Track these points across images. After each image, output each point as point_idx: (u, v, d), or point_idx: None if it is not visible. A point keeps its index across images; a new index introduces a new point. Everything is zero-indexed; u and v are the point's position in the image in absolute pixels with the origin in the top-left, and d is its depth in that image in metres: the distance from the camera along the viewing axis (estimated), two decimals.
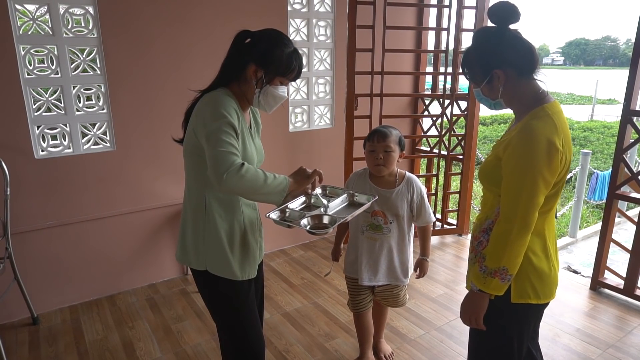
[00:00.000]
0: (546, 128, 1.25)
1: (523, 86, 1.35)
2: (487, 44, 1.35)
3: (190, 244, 1.56)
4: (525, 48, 1.33)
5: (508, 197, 1.29)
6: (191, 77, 2.97)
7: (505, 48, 1.32)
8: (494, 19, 1.34)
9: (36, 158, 2.63)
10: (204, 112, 1.42)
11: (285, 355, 2.40)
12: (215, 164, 1.32)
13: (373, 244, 2.06)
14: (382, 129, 2.00)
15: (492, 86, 1.36)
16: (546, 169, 1.24)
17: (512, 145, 1.28)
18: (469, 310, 1.41)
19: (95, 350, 2.46)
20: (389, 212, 2.02)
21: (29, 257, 2.70)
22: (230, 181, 1.31)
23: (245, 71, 1.49)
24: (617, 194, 2.86)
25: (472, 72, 1.41)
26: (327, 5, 3.51)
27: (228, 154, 1.33)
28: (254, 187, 1.37)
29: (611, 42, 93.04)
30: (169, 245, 3.19)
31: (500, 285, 1.32)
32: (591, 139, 11.44)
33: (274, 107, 1.56)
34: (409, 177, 2.05)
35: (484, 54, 1.35)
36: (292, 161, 3.58)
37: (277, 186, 1.43)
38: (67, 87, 2.65)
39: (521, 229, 1.27)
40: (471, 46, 1.40)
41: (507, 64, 1.32)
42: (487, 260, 1.32)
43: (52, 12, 2.52)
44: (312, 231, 1.49)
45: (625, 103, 2.71)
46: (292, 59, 1.50)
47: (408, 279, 2.14)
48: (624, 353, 2.40)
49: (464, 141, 3.76)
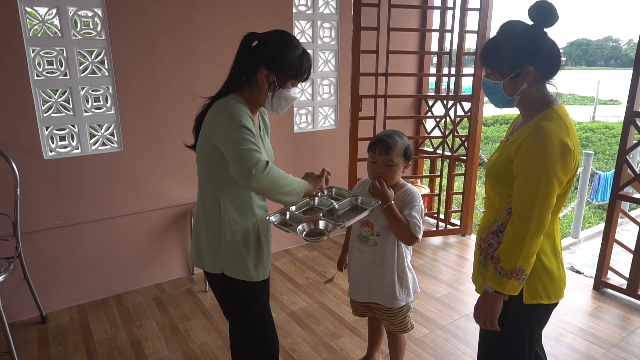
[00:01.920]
0: (559, 129, 1.27)
1: (540, 89, 1.36)
2: (526, 38, 1.31)
3: (205, 248, 1.58)
4: (557, 53, 1.33)
5: (523, 197, 1.29)
6: (197, 78, 3.00)
7: (543, 49, 1.31)
8: (535, 16, 1.31)
9: (45, 159, 2.66)
10: (219, 120, 1.43)
11: (292, 354, 2.43)
12: (242, 162, 1.35)
13: (360, 256, 1.92)
14: (386, 138, 1.79)
15: (516, 82, 1.34)
16: (560, 169, 1.26)
17: (525, 146, 1.29)
18: (483, 311, 1.41)
19: (103, 348, 2.49)
20: (377, 224, 1.85)
21: (38, 257, 2.73)
22: (258, 177, 1.34)
23: (256, 75, 1.49)
24: (619, 194, 2.88)
25: (499, 62, 1.34)
26: (331, 7, 3.54)
27: (252, 152, 1.36)
28: (279, 185, 1.41)
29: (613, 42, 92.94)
30: (175, 245, 3.21)
31: (516, 286, 1.33)
32: (593, 140, 11.44)
33: (286, 108, 1.58)
34: (406, 189, 1.85)
35: (521, 47, 1.31)
36: (297, 162, 3.61)
37: (296, 187, 1.47)
38: (76, 89, 2.68)
39: (537, 229, 1.28)
40: (503, 35, 1.34)
41: (539, 63, 1.32)
42: (502, 261, 1.33)
43: (61, 15, 2.56)
44: (307, 238, 1.51)
45: (629, 104, 2.73)
46: (302, 60, 1.50)
47: (402, 301, 1.91)
48: (627, 352, 2.42)
49: (467, 142, 3.78)
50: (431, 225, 4.09)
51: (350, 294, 2.02)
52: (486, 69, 1.40)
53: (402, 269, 1.90)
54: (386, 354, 2.31)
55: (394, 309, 1.93)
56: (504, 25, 1.36)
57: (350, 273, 2.00)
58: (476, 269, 1.53)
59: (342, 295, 3.00)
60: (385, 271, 1.88)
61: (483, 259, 1.47)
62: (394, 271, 1.88)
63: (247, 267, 1.55)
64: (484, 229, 1.49)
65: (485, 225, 1.49)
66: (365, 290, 1.94)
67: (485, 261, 1.45)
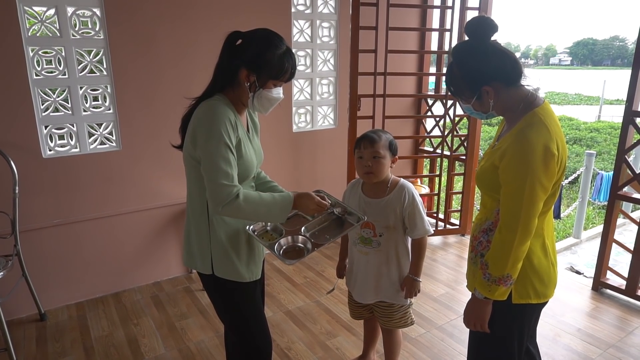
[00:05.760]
0: (539, 136, 1.26)
1: (513, 95, 1.35)
2: (472, 61, 1.33)
3: (196, 249, 1.57)
4: (509, 59, 1.32)
5: (508, 206, 1.30)
6: (196, 77, 3.01)
7: (491, 63, 1.31)
8: (473, 35, 1.33)
9: (44, 157, 2.68)
10: (201, 127, 1.42)
11: (287, 352, 2.43)
12: (212, 196, 1.40)
13: (364, 258, 1.91)
14: (370, 133, 1.82)
15: (482, 102, 1.37)
16: (543, 175, 1.26)
17: (508, 155, 1.29)
18: (473, 316, 1.43)
19: (100, 346, 2.51)
20: (378, 224, 1.84)
21: (37, 255, 2.75)
22: (227, 213, 1.40)
23: (237, 76, 1.47)
24: (619, 194, 2.86)
25: (459, 90, 1.39)
26: (330, 6, 3.54)
27: (223, 187, 1.38)
28: (254, 213, 1.44)
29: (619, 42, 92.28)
30: (173, 243, 3.23)
31: (505, 291, 1.34)
32: (598, 140, 11.38)
33: (270, 108, 1.55)
34: (401, 185, 1.85)
35: (470, 72, 1.34)
36: (296, 161, 3.62)
37: (280, 208, 1.47)
38: (75, 88, 2.70)
39: (523, 237, 1.29)
40: (453, 64, 1.37)
41: (495, 79, 1.32)
42: (490, 267, 1.34)
43: (60, 14, 2.57)
44: (282, 258, 1.51)
45: (628, 104, 2.72)
46: (283, 60, 1.46)
47: (407, 299, 1.95)
48: (624, 353, 2.40)
49: (466, 141, 3.77)
50: (430, 225, 4.08)
51: (357, 297, 2.00)
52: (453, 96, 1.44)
53: (407, 263, 1.91)
54: (382, 353, 2.31)
55: (395, 306, 1.94)
56: (452, 51, 1.39)
57: (353, 277, 1.98)
58: (468, 266, 1.54)
59: (339, 294, 3.00)
60: (392, 269, 1.89)
61: (474, 255, 1.48)
62: (400, 267, 1.90)
63: (238, 268, 1.55)
64: (476, 227, 1.51)
65: (478, 223, 1.50)
66: (372, 292, 1.93)
67: (476, 258, 1.46)
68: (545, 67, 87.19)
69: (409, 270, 1.90)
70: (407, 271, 1.91)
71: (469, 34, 1.34)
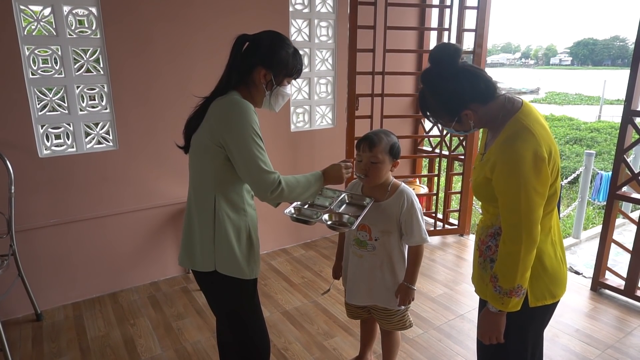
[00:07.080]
0: (526, 143, 1.25)
1: (491, 108, 1.34)
2: (445, 89, 1.32)
3: (198, 246, 1.56)
4: (480, 78, 1.31)
5: (507, 217, 1.29)
6: (193, 77, 3.01)
7: (464, 88, 1.30)
8: (439, 62, 1.31)
9: (40, 157, 2.67)
10: (229, 117, 1.44)
11: (284, 353, 2.42)
12: (258, 185, 1.45)
13: (358, 261, 1.89)
14: (371, 135, 1.77)
15: (462, 123, 1.36)
16: (537, 182, 1.24)
17: (498, 167, 1.28)
18: (489, 330, 1.39)
19: (96, 346, 2.50)
20: (375, 228, 1.82)
21: (33, 255, 2.74)
22: (274, 198, 1.48)
23: (252, 75, 1.52)
24: (617, 194, 2.85)
25: (437, 116, 1.39)
26: (328, 5, 3.53)
27: (267, 174, 1.44)
28: (295, 193, 1.53)
29: (620, 42, 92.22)
30: (171, 243, 3.22)
31: (518, 302, 1.32)
32: (598, 140, 11.38)
33: (282, 105, 1.65)
34: (401, 190, 1.81)
35: (446, 100, 1.33)
36: (294, 161, 3.61)
37: (315, 186, 1.60)
38: (71, 87, 2.69)
39: (528, 246, 1.27)
40: (427, 93, 1.36)
41: (472, 101, 1.31)
42: (500, 280, 1.31)
43: (56, 13, 2.56)
44: (335, 226, 1.66)
45: (626, 103, 2.71)
46: (295, 58, 1.57)
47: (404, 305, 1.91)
48: (623, 354, 2.39)
49: (465, 141, 3.76)
50: (429, 225, 4.07)
51: (348, 298, 1.98)
52: (430, 121, 1.47)
53: (402, 270, 1.88)
54: (379, 354, 2.30)
55: (391, 311, 1.92)
56: (422, 79, 1.37)
57: (348, 278, 1.97)
58: (476, 271, 1.51)
59: (336, 294, 2.99)
60: (386, 274, 1.86)
61: (482, 260, 1.46)
62: (395, 273, 1.87)
63: (241, 265, 1.55)
64: (482, 230, 1.48)
65: (483, 227, 1.48)
66: (365, 295, 1.91)
67: (485, 263, 1.44)
68: (546, 67, 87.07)
69: (404, 278, 1.87)
70: (402, 278, 1.87)
71: (435, 62, 1.32)
